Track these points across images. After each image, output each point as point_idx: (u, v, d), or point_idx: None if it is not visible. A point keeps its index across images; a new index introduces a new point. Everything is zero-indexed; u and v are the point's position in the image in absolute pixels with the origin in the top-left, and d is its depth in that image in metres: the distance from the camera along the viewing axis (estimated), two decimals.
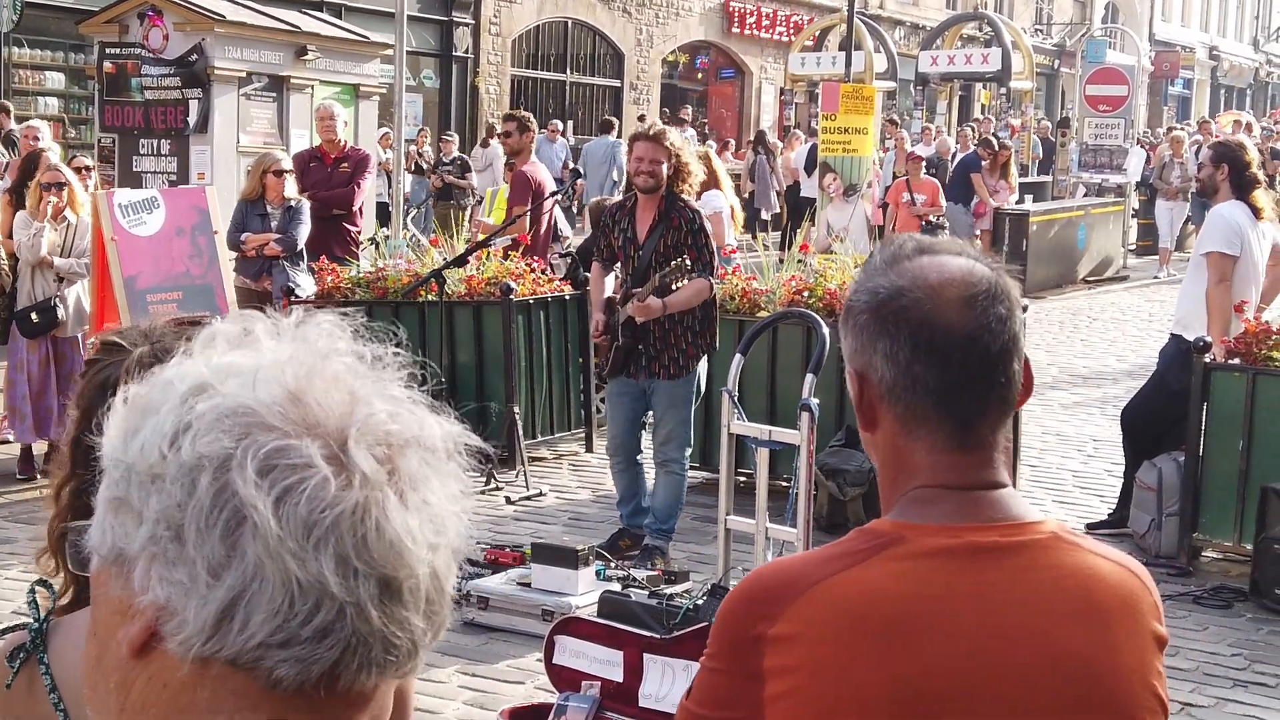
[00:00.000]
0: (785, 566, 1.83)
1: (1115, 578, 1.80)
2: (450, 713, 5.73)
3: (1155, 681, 1.79)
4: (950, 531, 1.75)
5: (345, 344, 1.19)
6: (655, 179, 7.26)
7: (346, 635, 1.08)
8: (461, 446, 1.18)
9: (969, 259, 1.82)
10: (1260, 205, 7.85)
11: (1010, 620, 1.73)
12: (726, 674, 1.78)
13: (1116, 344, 15.47)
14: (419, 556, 1.11)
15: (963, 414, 1.77)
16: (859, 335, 1.80)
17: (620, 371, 7.49)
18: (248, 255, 10.26)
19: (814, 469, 5.98)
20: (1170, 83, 49.43)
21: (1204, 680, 6.18)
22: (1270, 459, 7.34)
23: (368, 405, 1.13)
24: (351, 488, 1.08)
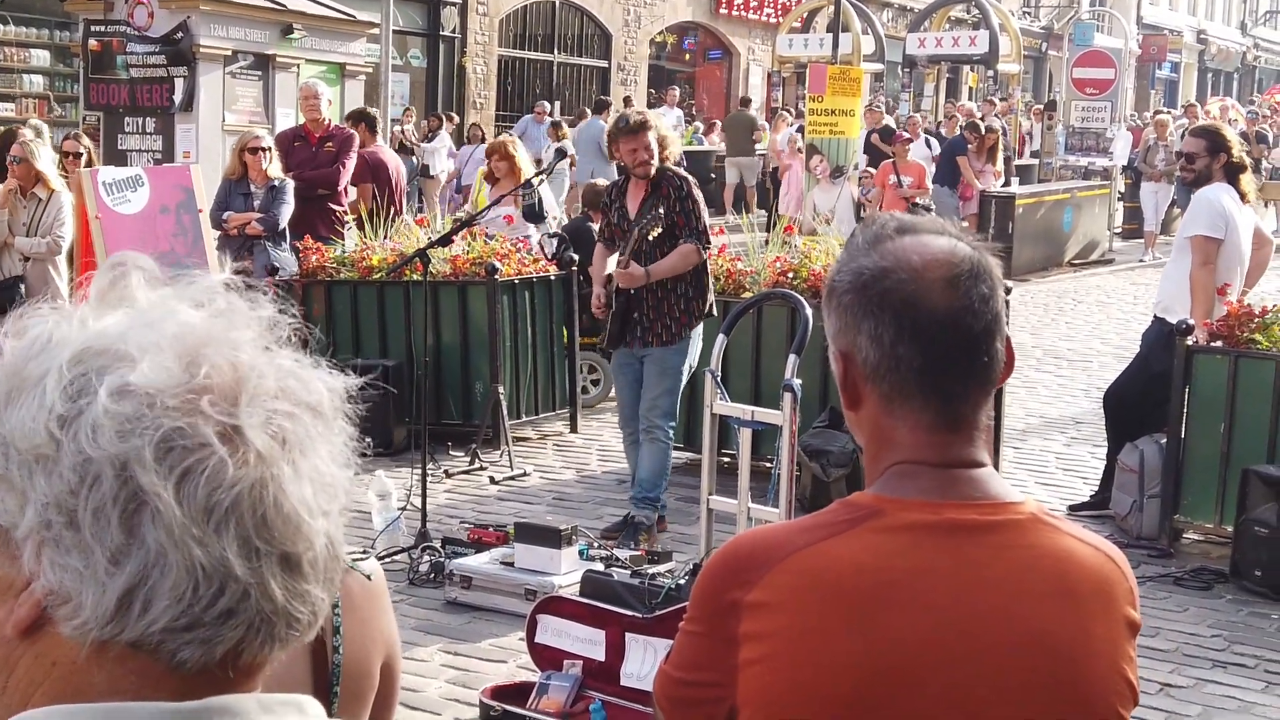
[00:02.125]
0: (764, 534, 1.84)
1: (1091, 561, 1.80)
2: (432, 691, 5.74)
3: (1126, 666, 1.80)
4: (929, 507, 1.76)
5: (226, 301, 1.17)
6: (650, 166, 7.41)
7: (251, 615, 1.07)
8: (345, 399, 1.17)
9: (951, 238, 1.83)
10: (1245, 189, 7.87)
11: (984, 598, 1.74)
12: (703, 638, 1.79)
13: (1101, 326, 15.50)
14: (316, 528, 1.10)
15: (946, 393, 1.78)
16: (843, 316, 1.81)
17: (617, 342, 7.57)
18: (230, 234, 10.24)
19: (797, 450, 5.99)
20: (1158, 66, 49.42)
21: (1183, 661, 6.21)
22: (1251, 441, 7.36)
23: (256, 371, 1.11)
24: (248, 465, 1.06)
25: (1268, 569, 6.93)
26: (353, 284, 9.68)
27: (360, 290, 9.67)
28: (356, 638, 1.71)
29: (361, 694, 1.74)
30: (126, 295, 1.16)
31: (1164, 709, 5.70)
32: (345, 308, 9.71)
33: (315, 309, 9.75)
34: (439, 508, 8.01)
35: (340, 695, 1.69)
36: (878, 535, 1.74)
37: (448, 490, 8.55)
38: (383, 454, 9.01)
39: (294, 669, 1.59)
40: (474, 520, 7.66)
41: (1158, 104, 42.82)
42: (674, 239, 7.38)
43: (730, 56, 34.42)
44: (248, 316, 1.16)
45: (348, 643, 1.70)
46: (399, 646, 1.86)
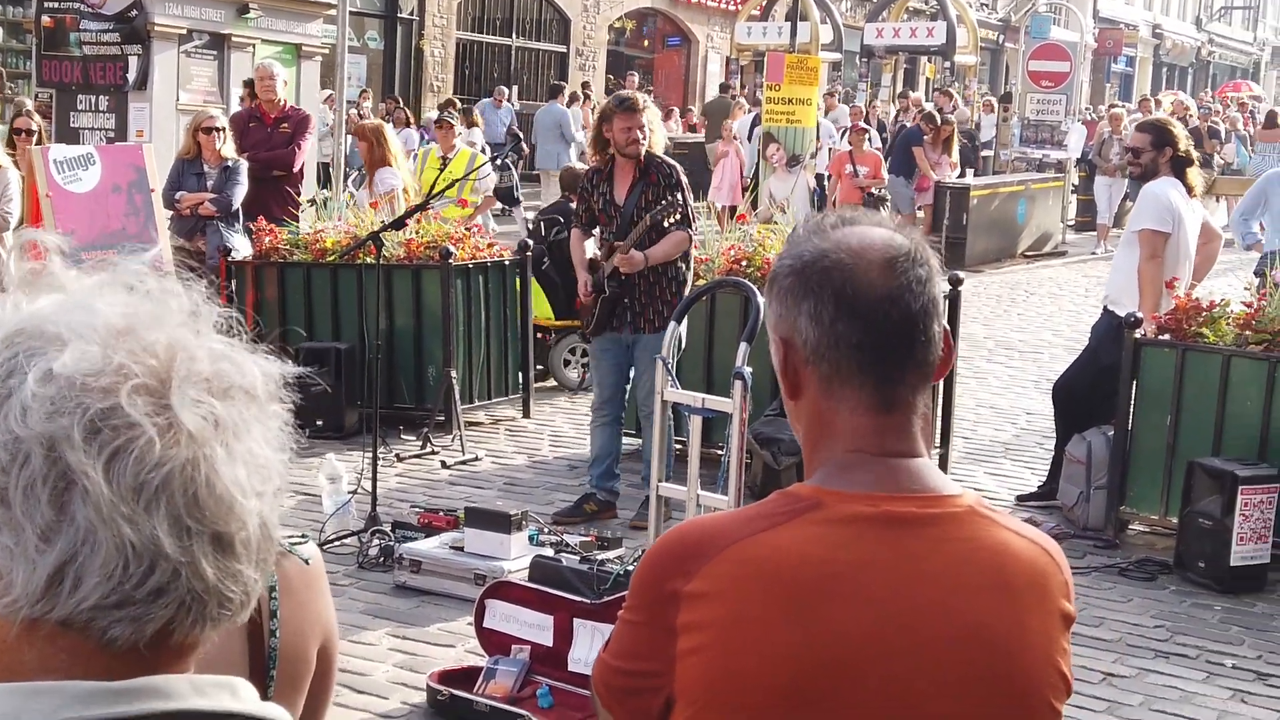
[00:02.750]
0: (704, 524, 1.85)
1: (1028, 554, 1.82)
2: (380, 675, 5.73)
3: (1059, 658, 1.82)
4: (868, 500, 1.77)
5: (159, 285, 1.17)
6: (640, 145, 7.49)
7: (182, 594, 1.08)
8: (280, 384, 1.18)
9: (889, 229, 1.86)
10: (1193, 183, 7.93)
11: (921, 591, 1.75)
12: (642, 627, 1.80)
13: (1053, 318, 15.60)
14: (249, 508, 1.11)
15: (884, 373, 1.79)
16: (784, 300, 1.83)
17: (605, 327, 7.60)
18: (182, 214, 10.18)
19: (748, 437, 6.01)
20: (1113, 60, 49.73)
21: (1127, 651, 6.27)
22: (1197, 434, 7.44)
23: (188, 353, 1.12)
24: (179, 445, 1.07)
25: (1211, 561, 7.01)
26: (306, 266, 9.65)
27: (314, 272, 9.63)
28: (293, 622, 1.71)
29: (298, 678, 1.74)
30: (59, 278, 1.16)
31: (1106, 698, 5.76)
32: (298, 290, 9.67)
33: (268, 291, 9.71)
34: (389, 491, 8.00)
35: (276, 679, 1.69)
36: (817, 527, 1.75)
37: (399, 474, 8.53)
38: (333, 437, 8.99)
39: (230, 652, 1.59)
40: (424, 504, 7.65)
41: (1113, 97, 43.09)
42: (661, 227, 7.46)
43: (689, 43, 34.40)
44: (180, 300, 1.17)
45: (284, 627, 1.69)
46: (336, 631, 1.86)
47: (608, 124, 7.52)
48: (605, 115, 7.62)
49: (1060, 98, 23.18)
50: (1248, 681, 5.99)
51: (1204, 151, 21.33)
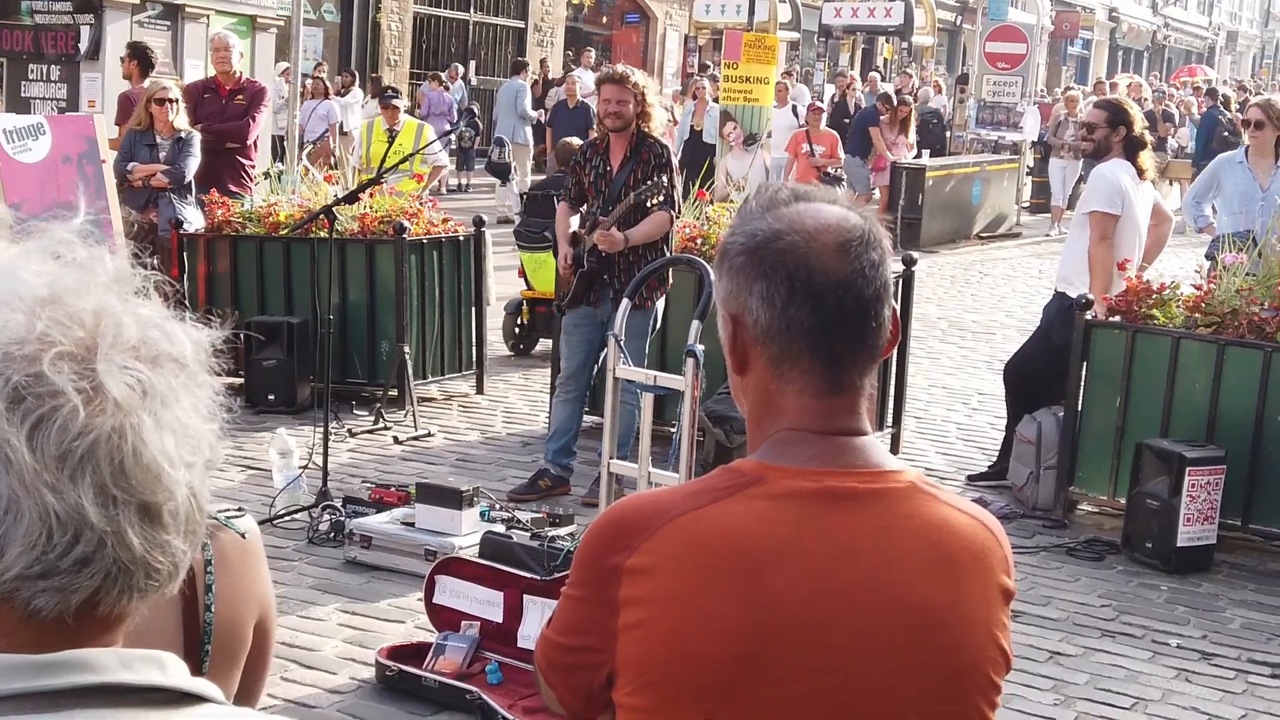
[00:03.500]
0: (646, 499, 1.85)
1: (968, 530, 1.83)
2: (329, 650, 5.72)
3: (999, 633, 1.83)
4: (810, 475, 1.77)
5: (87, 254, 1.16)
6: (622, 119, 7.48)
7: (107, 564, 1.07)
8: (210, 353, 1.16)
9: (843, 207, 1.85)
10: (1144, 165, 7.97)
11: (862, 565, 1.76)
12: (584, 602, 1.80)
13: (1006, 300, 15.68)
14: (177, 478, 1.10)
15: (835, 357, 1.80)
16: (735, 278, 1.82)
17: (579, 302, 7.59)
18: (134, 186, 10.10)
19: (700, 415, 6.02)
20: (1069, 43, 49.94)
21: (1073, 630, 6.32)
22: (1146, 415, 7.50)
23: (116, 321, 1.11)
24: (105, 414, 1.06)
25: (1158, 541, 7.06)
26: (259, 239, 9.58)
27: (266, 246, 9.57)
28: (229, 596, 1.70)
29: (233, 653, 1.73)
30: None
31: (1053, 677, 5.80)
32: (250, 263, 9.61)
33: (220, 264, 9.65)
34: (341, 467, 7.97)
35: (211, 654, 1.67)
36: (759, 502, 1.76)
37: (350, 449, 8.50)
38: (285, 412, 8.95)
39: (164, 627, 1.58)
40: (376, 480, 7.63)
41: (1069, 80, 43.26)
42: (645, 207, 7.47)
43: (648, 21, 34.33)
44: (109, 267, 1.16)
45: (220, 601, 1.68)
46: (274, 606, 1.85)
47: (598, 92, 7.56)
48: (596, 83, 7.66)
49: (1016, 80, 23.27)
50: (1192, 661, 6.05)
51: (1158, 135, 21.44)
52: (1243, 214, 9.20)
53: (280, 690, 5.30)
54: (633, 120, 7.51)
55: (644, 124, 7.55)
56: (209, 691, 1.16)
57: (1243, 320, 7.30)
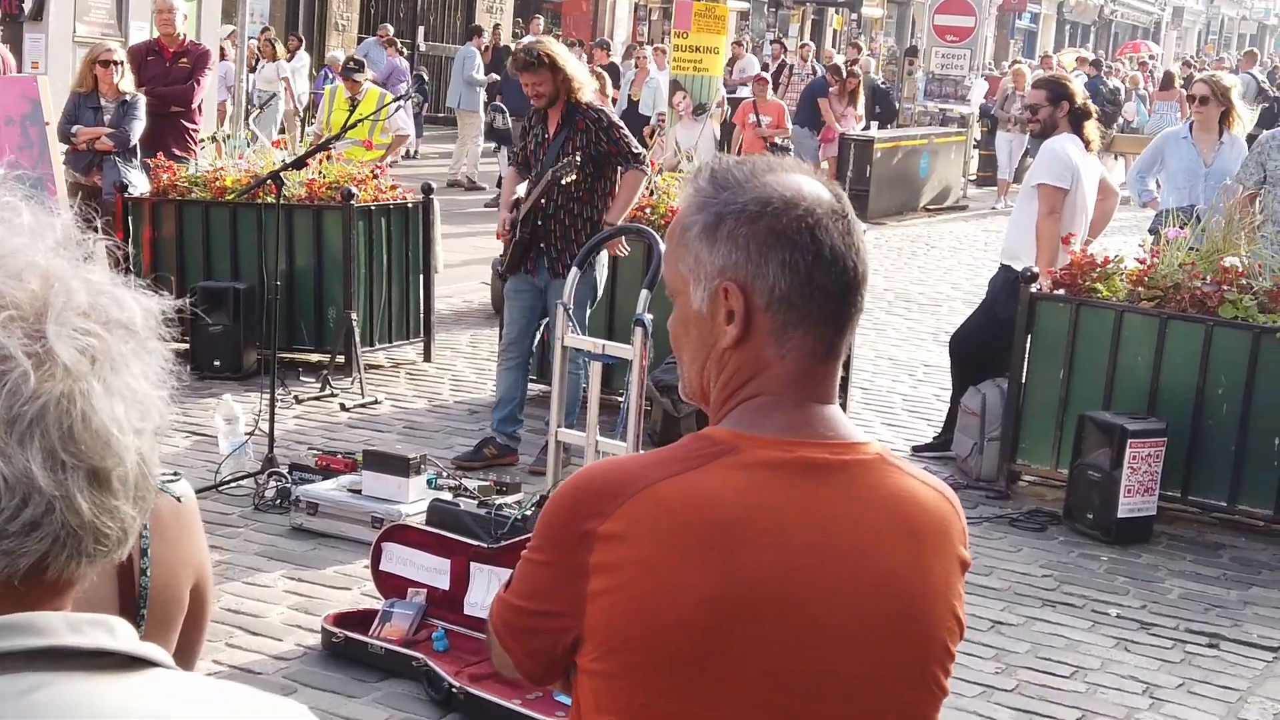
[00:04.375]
0: (620, 465, 1.85)
1: (931, 502, 1.86)
2: (274, 617, 5.71)
3: (956, 603, 1.87)
4: (784, 445, 1.78)
5: (37, 218, 1.15)
6: (544, 98, 7.45)
7: (55, 529, 1.07)
8: (161, 321, 1.16)
9: (816, 179, 1.87)
10: (1090, 136, 8.03)
11: (831, 536, 1.78)
12: (550, 566, 1.80)
13: (952, 272, 15.77)
14: (126, 444, 1.10)
15: (841, 322, 1.82)
16: (743, 246, 1.79)
17: (517, 268, 7.56)
18: (78, 149, 9.99)
19: (648, 385, 6.04)
20: (1017, 17, 50.11)
21: (1015, 600, 6.39)
22: (1089, 388, 7.57)
23: (66, 286, 1.10)
24: (54, 379, 1.06)
25: (1099, 512, 7.14)
26: (205, 204, 9.51)
27: (212, 211, 9.50)
28: (165, 561, 1.70)
29: (169, 617, 1.73)
30: None
31: (994, 645, 5.87)
32: (196, 228, 9.53)
33: (165, 228, 9.57)
34: (287, 433, 7.94)
35: (147, 618, 1.67)
36: (733, 471, 1.77)
37: (297, 416, 8.47)
38: (231, 378, 8.91)
39: (100, 591, 1.57)
40: (323, 447, 7.61)
41: (1017, 54, 43.43)
42: (601, 176, 7.47)
43: None
44: (58, 231, 1.15)
45: (155, 565, 1.68)
46: (209, 570, 1.84)
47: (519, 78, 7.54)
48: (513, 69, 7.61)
49: (965, 53, 23.35)
50: (1131, 630, 6.13)
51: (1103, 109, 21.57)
52: (1186, 189, 9.30)
53: (225, 656, 5.29)
54: (558, 93, 7.45)
55: (572, 93, 7.47)
56: (157, 656, 1.16)
57: (1185, 294, 7.38)
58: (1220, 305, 7.25)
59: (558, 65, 7.44)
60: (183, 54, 10.94)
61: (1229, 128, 9.41)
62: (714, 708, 1.74)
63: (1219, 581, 6.78)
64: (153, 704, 1.12)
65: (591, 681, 1.78)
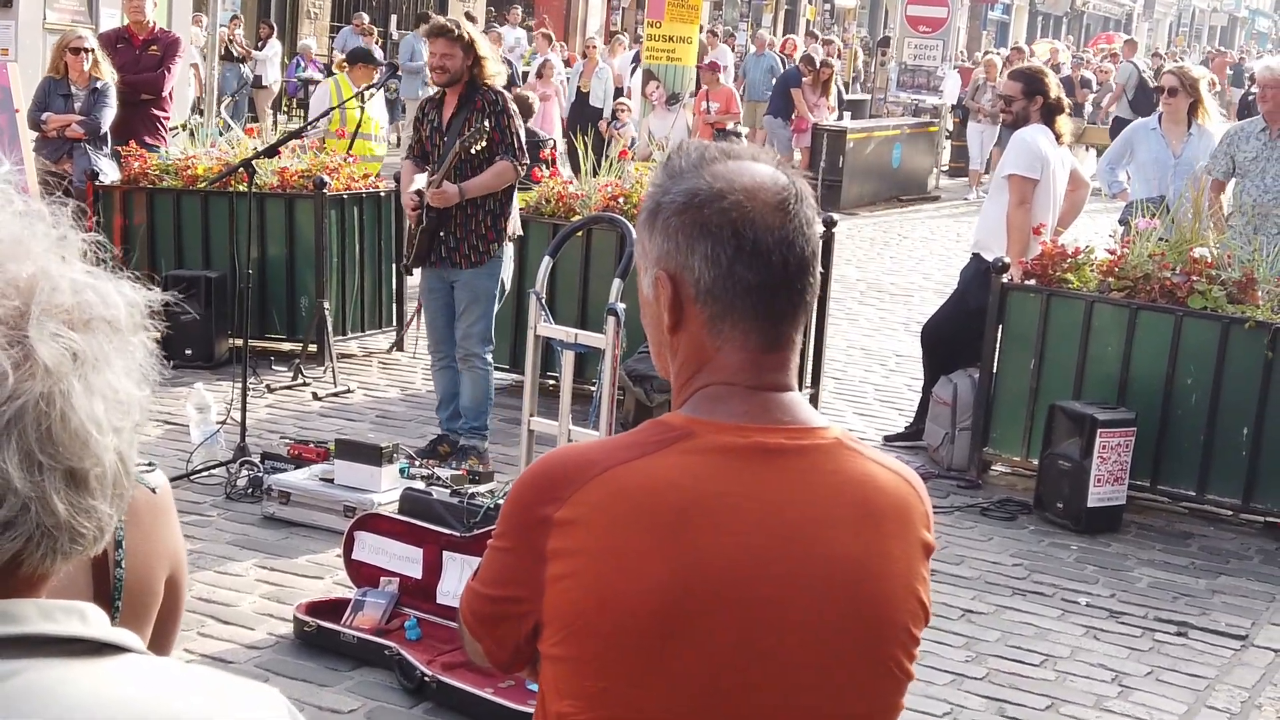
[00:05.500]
0: (576, 451, 1.86)
1: (891, 485, 1.86)
2: (246, 606, 5.70)
3: (919, 587, 1.87)
4: (739, 431, 1.79)
5: (21, 210, 1.15)
6: (448, 73, 7.23)
7: (30, 528, 1.07)
8: (146, 313, 1.16)
9: (769, 164, 1.87)
10: (1061, 130, 8.06)
11: (788, 519, 1.79)
12: (512, 553, 1.81)
13: (924, 262, 15.81)
14: (105, 444, 1.10)
15: (776, 314, 1.81)
16: (673, 237, 1.82)
17: (423, 262, 7.41)
18: (48, 136, 9.94)
19: (621, 374, 6.04)
20: (990, 8, 50.18)
21: (985, 589, 6.42)
22: (1059, 378, 7.61)
23: (49, 283, 1.10)
24: (34, 379, 1.06)
25: (1069, 501, 7.18)
26: (176, 193, 9.47)
27: (184, 199, 9.46)
28: (139, 552, 1.69)
29: (144, 608, 1.72)
30: None
31: (965, 634, 5.90)
32: (167, 217, 9.50)
33: (136, 217, 9.53)
34: (259, 423, 7.92)
35: (122, 609, 1.66)
36: (688, 456, 1.78)
37: (269, 405, 8.45)
38: (203, 367, 8.88)
39: (75, 582, 1.57)
40: (295, 436, 7.59)
41: (989, 45, 43.53)
42: (488, 156, 7.22)
43: None
44: (46, 225, 1.14)
45: (130, 556, 1.67)
46: (184, 560, 1.84)
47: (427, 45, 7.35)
48: (425, 38, 7.43)
49: (937, 43, 23.37)
50: (1101, 619, 6.17)
51: (1075, 100, 21.64)
52: (1155, 180, 9.33)
53: (198, 645, 5.28)
54: (463, 73, 7.23)
55: (478, 75, 7.26)
56: (130, 641, 1.16)
57: (1154, 285, 7.42)
58: (1189, 296, 7.29)
59: (473, 44, 7.25)
60: (152, 41, 10.87)
61: (1197, 119, 9.45)
62: (671, 690, 1.75)
63: (1188, 570, 6.83)
64: (125, 689, 1.12)
65: (552, 666, 1.80)
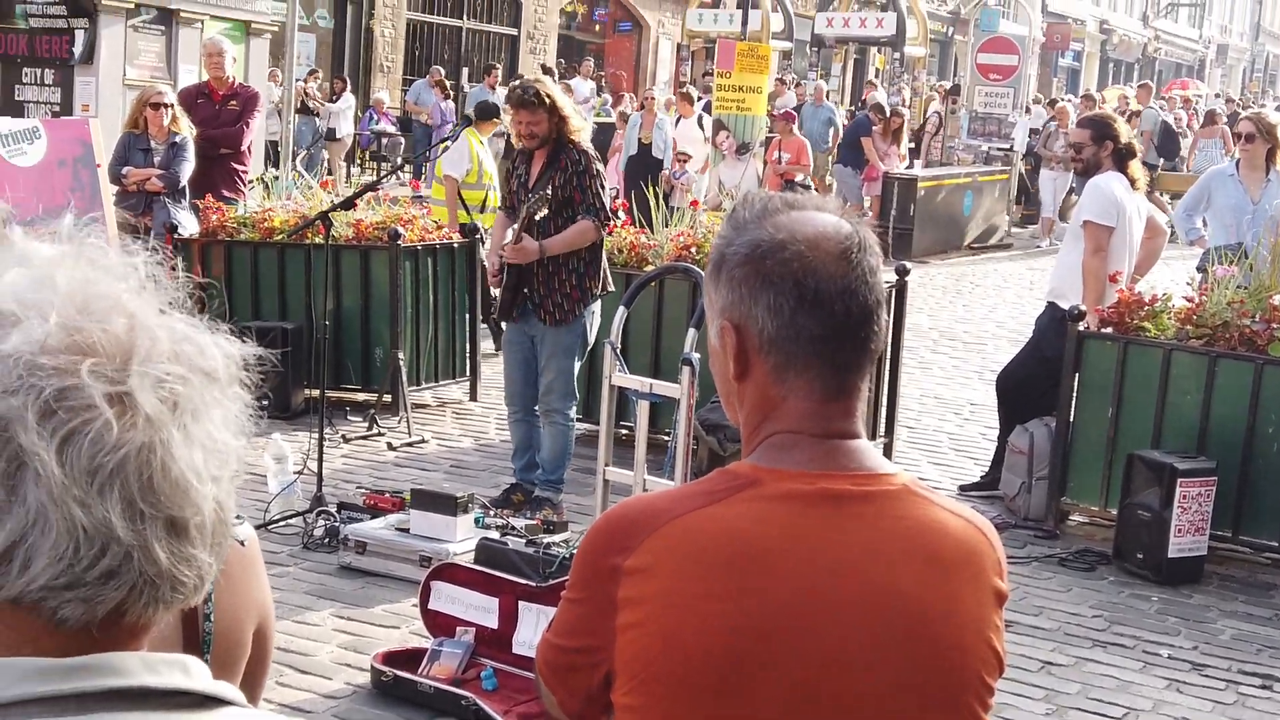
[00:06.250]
0: (645, 501, 1.88)
1: (960, 532, 1.85)
2: (324, 656, 5.73)
3: (993, 635, 1.85)
4: (806, 478, 1.80)
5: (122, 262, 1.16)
6: (537, 138, 7.23)
7: (133, 577, 1.08)
8: (241, 366, 1.17)
9: (833, 214, 1.88)
10: (1135, 175, 8.00)
11: (855, 565, 1.78)
12: (583, 603, 1.82)
13: (997, 310, 15.71)
14: (204, 493, 1.11)
15: (840, 363, 1.82)
16: (736, 288, 1.84)
17: (507, 314, 7.43)
18: (129, 190, 10.10)
19: (694, 423, 6.03)
20: (1060, 54, 50.06)
21: (1065, 640, 6.34)
22: (1138, 426, 7.53)
23: (149, 334, 1.11)
24: (135, 429, 1.07)
25: (1149, 552, 7.09)
26: (253, 245, 9.59)
27: (261, 251, 9.58)
28: (228, 604, 1.70)
29: (233, 660, 1.73)
30: (21, 250, 1.15)
31: (1045, 686, 5.83)
32: (245, 269, 9.62)
33: (214, 269, 9.65)
34: (335, 473, 7.98)
35: (211, 661, 1.67)
36: (754, 503, 1.78)
37: (345, 455, 8.51)
38: (280, 418, 8.96)
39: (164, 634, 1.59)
40: (370, 486, 7.64)
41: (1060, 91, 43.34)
42: (570, 215, 7.21)
43: (640, 29, 34.38)
44: (142, 278, 1.16)
45: (219, 609, 1.69)
46: (272, 613, 1.85)
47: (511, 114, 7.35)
48: (508, 106, 7.45)
49: (1008, 91, 23.31)
50: (1183, 672, 6.08)
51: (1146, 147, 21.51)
52: (1233, 227, 9.25)
53: (276, 695, 5.30)
54: (550, 134, 7.21)
55: (568, 133, 7.25)
56: (231, 694, 1.17)
57: (1234, 333, 7.34)
58: (1270, 343, 7.20)
59: (555, 106, 7.24)
60: (232, 96, 11.05)
61: (1275, 164, 9.35)
62: None
63: (1272, 622, 6.72)
64: None
65: (624, 716, 1.80)
